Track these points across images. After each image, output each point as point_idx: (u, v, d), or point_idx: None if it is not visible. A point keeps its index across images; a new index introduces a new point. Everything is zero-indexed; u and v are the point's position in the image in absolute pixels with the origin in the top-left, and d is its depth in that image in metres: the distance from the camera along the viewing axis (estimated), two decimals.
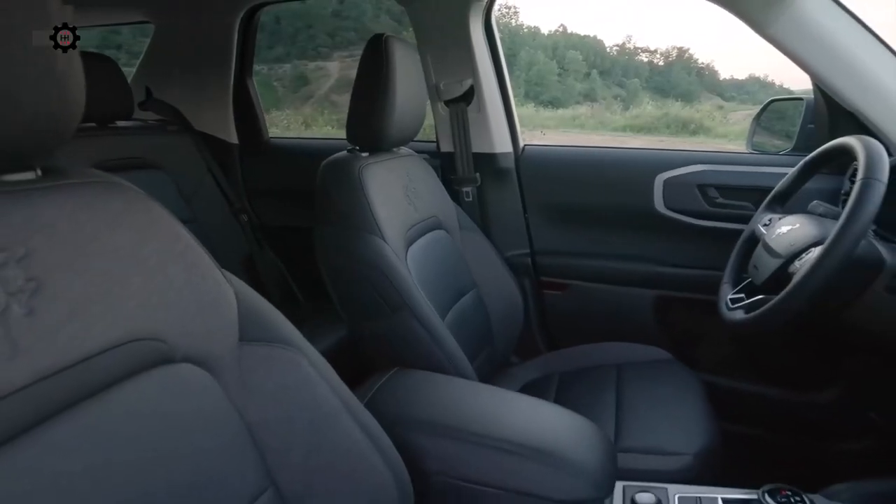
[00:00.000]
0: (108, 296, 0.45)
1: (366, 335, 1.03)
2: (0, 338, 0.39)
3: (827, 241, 0.77)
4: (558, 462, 0.69)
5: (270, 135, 1.85)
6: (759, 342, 1.35)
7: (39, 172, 0.46)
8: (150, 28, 1.73)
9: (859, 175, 0.77)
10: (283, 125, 4.41)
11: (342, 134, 1.14)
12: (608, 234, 1.45)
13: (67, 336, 0.42)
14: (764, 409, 1.30)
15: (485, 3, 1.37)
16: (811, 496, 0.74)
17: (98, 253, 0.46)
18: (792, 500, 0.72)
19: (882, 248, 0.84)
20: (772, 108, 1.42)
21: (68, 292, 0.43)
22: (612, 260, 1.44)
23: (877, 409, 1.15)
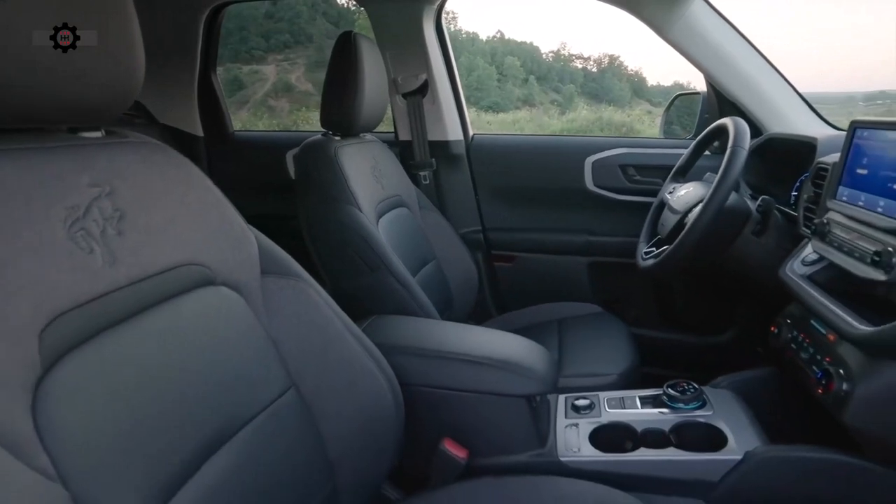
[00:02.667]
0: (166, 229, 0.60)
1: (347, 294, 1.18)
2: (104, 250, 0.53)
3: (706, 196, 1.01)
4: (512, 367, 0.87)
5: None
6: (671, 296, 1.61)
7: (104, 132, 0.60)
8: None
9: (729, 145, 1.02)
10: None
11: None
12: (548, 210, 1.67)
13: (145, 254, 0.56)
14: (675, 352, 1.56)
15: (436, 6, 1.56)
16: (702, 386, 0.97)
17: (156, 196, 0.60)
18: (687, 390, 0.95)
19: (750, 202, 1.09)
20: (678, 102, 1.70)
21: (141, 223, 0.57)
22: (552, 233, 1.66)
23: (762, 345, 1.42)
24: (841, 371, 0.76)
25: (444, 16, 1.62)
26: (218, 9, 1.76)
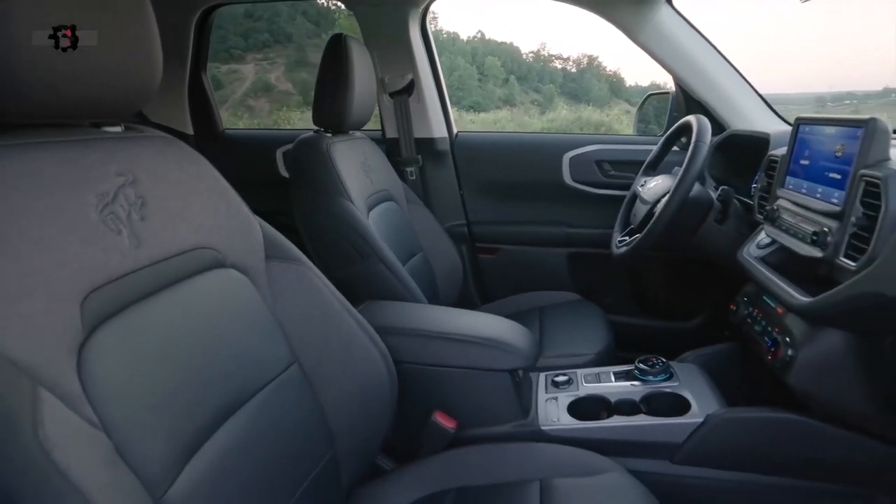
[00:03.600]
0: (182, 215, 0.66)
1: (340, 281, 1.24)
2: (130, 233, 0.59)
3: (672, 187, 1.10)
4: (496, 344, 0.95)
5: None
6: (645, 285, 1.71)
7: (123, 127, 0.66)
8: None
9: (692, 140, 1.11)
10: None
11: None
12: (529, 204, 1.75)
13: (164, 237, 0.63)
14: (648, 336, 1.65)
15: (421, 9, 1.63)
16: (669, 361, 1.07)
17: (172, 185, 0.66)
18: (656, 364, 1.04)
19: (713, 193, 1.19)
20: (649, 101, 1.80)
21: (160, 209, 0.63)
22: (533, 226, 1.74)
23: (728, 329, 1.53)
24: (787, 339, 0.85)
25: (428, 18, 1.69)
26: (209, 10, 1.80)
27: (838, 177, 0.78)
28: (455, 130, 1.78)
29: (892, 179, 0.67)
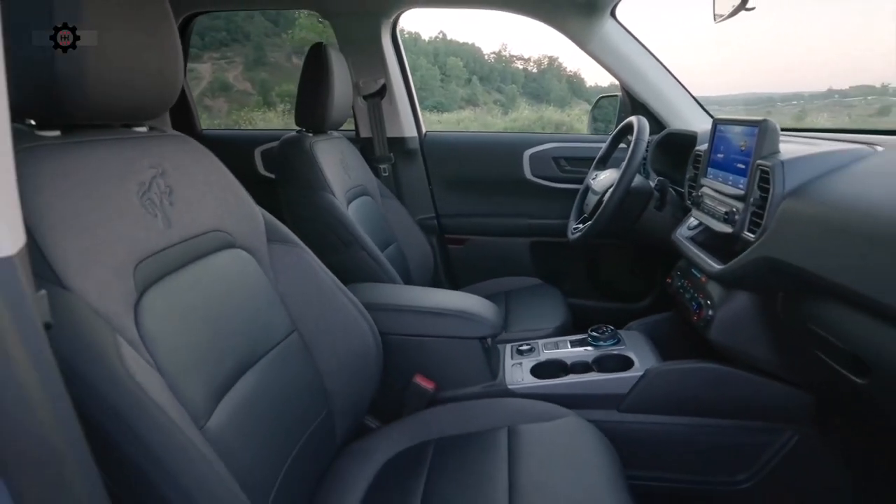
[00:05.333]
0: (200, 202, 0.77)
1: (326, 266, 1.35)
2: (163, 216, 0.70)
3: (617, 179, 1.27)
4: (467, 315, 1.09)
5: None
6: (600, 270, 1.89)
7: (147, 128, 0.77)
8: None
9: (633, 139, 1.28)
10: None
11: None
12: (493, 198, 1.90)
13: (188, 221, 0.74)
14: (603, 316, 1.82)
15: (392, 20, 1.76)
16: (618, 329, 1.23)
17: (191, 177, 0.77)
18: (607, 331, 1.21)
19: (652, 183, 1.37)
20: (600, 103, 1.98)
21: (183, 197, 0.74)
22: (497, 217, 1.90)
23: (675, 308, 1.71)
24: (708, 302, 1.03)
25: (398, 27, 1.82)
26: (190, 18, 1.88)
27: (743, 167, 0.95)
28: (424, 130, 1.92)
29: (778, 167, 0.84)
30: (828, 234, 0.73)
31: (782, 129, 0.93)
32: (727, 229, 0.96)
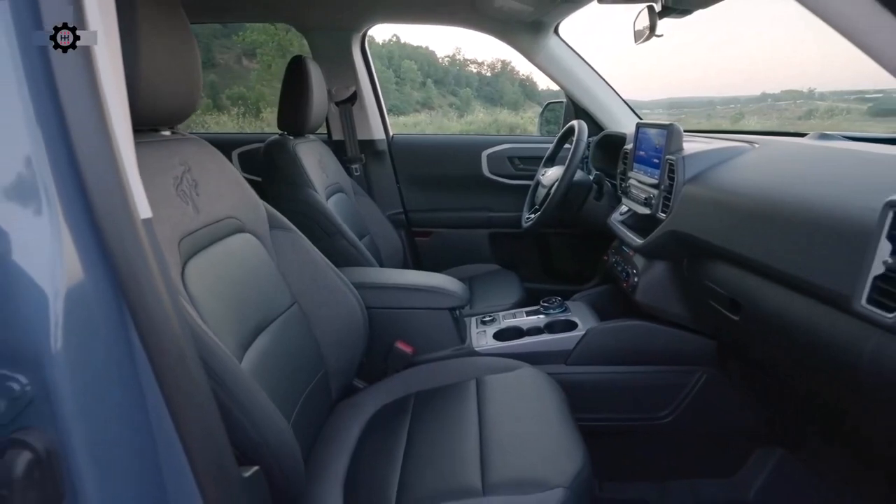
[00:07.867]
0: (218, 194, 0.93)
1: None
2: (193, 205, 0.86)
3: (561, 175, 1.49)
4: (438, 290, 1.29)
5: None
6: (553, 256, 2.12)
7: (170, 132, 0.92)
8: None
9: (574, 139, 1.51)
10: None
11: None
12: (455, 194, 2.10)
13: (210, 209, 0.90)
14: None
15: (361, 34, 1.94)
16: (565, 300, 1.46)
17: (210, 172, 0.93)
18: (555, 301, 1.43)
19: (592, 178, 1.60)
20: (549, 108, 2.22)
21: (205, 189, 0.90)
22: (459, 212, 2.10)
23: (612, 281, 1.96)
24: (634, 271, 1.26)
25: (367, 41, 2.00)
26: None
27: (657, 161, 1.19)
28: (391, 133, 2.10)
29: (681, 161, 1.08)
30: (716, 211, 0.97)
31: (686, 131, 1.17)
32: (646, 211, 1.19)
